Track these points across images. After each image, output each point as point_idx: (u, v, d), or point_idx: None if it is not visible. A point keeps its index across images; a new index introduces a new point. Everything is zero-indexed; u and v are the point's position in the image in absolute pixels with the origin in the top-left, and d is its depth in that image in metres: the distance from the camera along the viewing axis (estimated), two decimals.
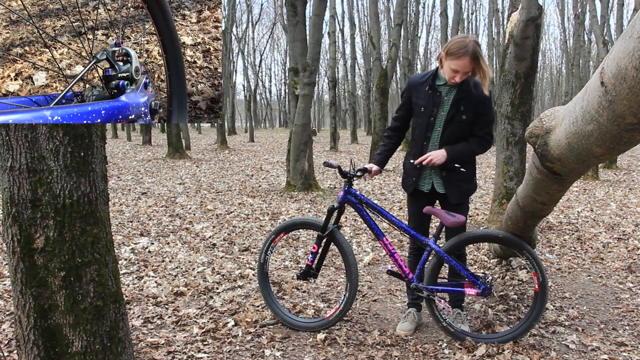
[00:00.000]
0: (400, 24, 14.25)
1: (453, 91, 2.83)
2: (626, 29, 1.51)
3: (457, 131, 2.86)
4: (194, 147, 20.07)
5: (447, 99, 2.85)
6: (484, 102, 2.82)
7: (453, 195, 2.92)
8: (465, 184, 2.95)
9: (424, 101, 2.89)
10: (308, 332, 3.03)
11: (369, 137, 26.22)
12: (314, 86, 8.58)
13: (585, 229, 5.80)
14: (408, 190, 3.03)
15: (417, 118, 2.96)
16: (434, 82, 2.86)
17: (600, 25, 15.83)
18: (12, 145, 1.83)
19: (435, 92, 2.86)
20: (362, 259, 4.61)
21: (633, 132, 1.69)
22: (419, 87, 2.91)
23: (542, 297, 2.79)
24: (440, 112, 2.86)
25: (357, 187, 9.21)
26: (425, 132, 2.91)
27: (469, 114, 2.82)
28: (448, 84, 2.81)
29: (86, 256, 1.93)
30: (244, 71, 33.03)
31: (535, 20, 4.61)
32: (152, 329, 3.05)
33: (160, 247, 4.93)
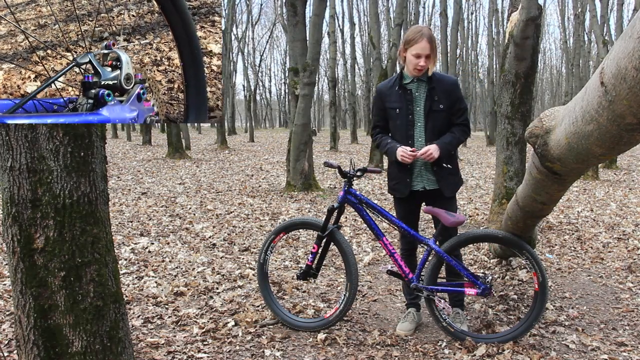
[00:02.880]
0: (400, 24, 14.23)
1: (423, 85, 2.94)
2: (626, 29, 1.51)
3: (439, 122, 2.94)
4: (194, 147, 20.07)
5: (418, 95, 2.94)
6: (454, 87, 2.96)
7: (446, 189, 2.97)
8: (454, 177, 3.01)
9: (397, 103, 2.97)
10: (308, 332, 3.03)
11: (369, 137, 26.15)
12: (314, 86, 8.58)
13: (585, 229, 5.80)
14: (404, 192, 3.01)
15: (394, 121, 3.00)
16: (402, 82, 2.97)
17: (600, 25, 15.83)
18: (12, 145, 1.83)
19: (405, 91, 2.95)
20: (362, 259, 4.61)
21: (633, 132, 1.69)
22: (389, 92, 3.01)
23: (542, 297, 2.79)
24: (416, 108, 2.95)
25: (357, 187, 9.21)
26: (407, 131, 2.96)
27: (444, 102, 2.91)
28: (416, 81, 2.93)
29: (86, 256, 1.93)
30: (244, 71, 33.03)
31: (535, 20, 4.61)
32: (152, 329, 3.05)
33: (160, 247, 4.93)
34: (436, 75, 2.95)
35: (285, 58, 46.18)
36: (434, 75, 2.94)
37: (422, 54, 2.82)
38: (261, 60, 42.52)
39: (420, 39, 2.82)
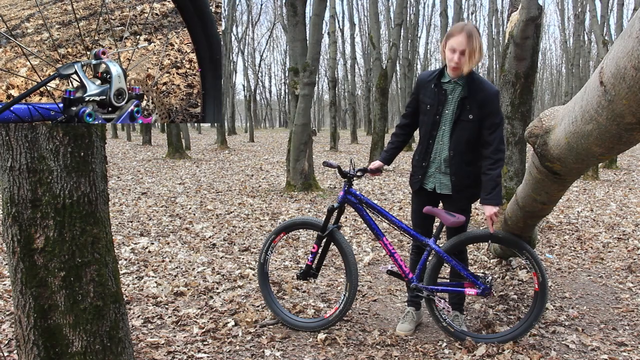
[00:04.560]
0: (400, 24, 14.23)
1: (458, 89, 2.79)
2: (625, 28, 1.51)
3: (466, 132, 2.79)
4: (194, 147, 20.07)
5: (451, 98, 2.81)
6: (491, 99, 2.75)
7: (460, 201, 2.90)
8: (473, 189, 2.90)
9: (429, 99, 2.87)
10: (308, 332, 3.03)
11: (369, 137, 26.20)
12: (314, 86, 8.58)
13: (585, 229, 5.80)
14: (414, 187, 3.01)
15: (423, 116, 2.93)
16: (439, 80, 2.84)
17: (600, 25, 15.82)
18: (12, 145, 1.83)
19: (440, 90, 2.83)
20: (362, 259, 4.61)
21: (632, 131, 1.69)
22: (426, 85, 2.90)
23: (542, 297, 2.79)
24: (445, 111, 2.83)
25: (357, 187, 9.21)
26: (431, 131, 2.88)
27: (475, 112, 2.76)
28: (453, 82, 2.79)
29: (86, 256, 1.93)
30: (244, 71, 33.02)
31: (535, 20, 4.61)
32: (152, 329, 3.05)
33: (160, 247, 4.93)
34: (476, 82, 2.76)
35: (285, 58, 46.20)
36: (474, 81, 2.76)
37: (457, 48, 2.65)
38: (261, 60, 42.55)
39: (458, 33, 2.66)
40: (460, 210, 2.88)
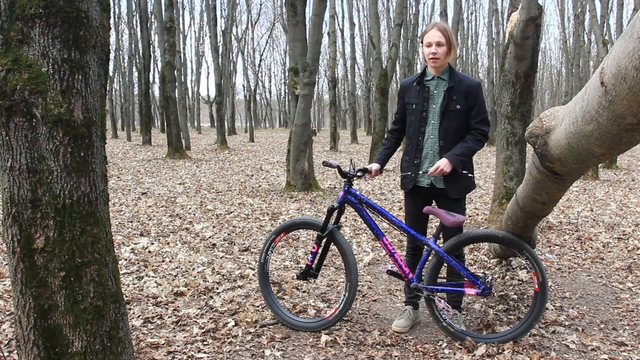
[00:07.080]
0: (400, 24, 14.23)
1: (442, 83, 2.94)
2: (626, 29, 1.51)
3: (453, 123, 2.92)
4: (194, 147, 20.07)
5: (436, 92, 2.95)
6: (475, 89, 2.91)
7: (453, 191, 2.94)
8: (464, 180, 2.97)
9: (414, 98, 3.00)
10: (308, 332, 3.03)
11: (369, 137, 26.21)
12: (314, 86, 8.58)
13: (585, 229, 5.80)
14: (407, 187, 3.04)
15: (410, 116, 3.04)
16: (422, 79, 2.99)
17: (600, 25, 15.82)
18: (12, 145, 1.83)
19: (424, 88, 2.98)
20: (362, 259, 4.61)
21: (633, 132, 1.69)
22: (410, 87, 3.05)
23: (542, 297, 2.79)
24: (432, 105, 2.95)
25: (357, 187, 9.21)
26: (419, 127, 2.98)
27: (462, 103, 2.90)
28: (436, 78, 2.95)
29: (86, 256, 1.93)
30: (244, 71, 33.03)
31: (535, 20, 4.61)
32: (152, 329, 3.05)
33: (160, 247, 4.93)
34: (458, 75, 2.94)
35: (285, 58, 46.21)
36: (456, 75, 2.93)
37: (432, 41, 2.86)
38: (261, 60, 42.53)
39: (430, 29, 2.90)
40: (456, 203, 2.95)
